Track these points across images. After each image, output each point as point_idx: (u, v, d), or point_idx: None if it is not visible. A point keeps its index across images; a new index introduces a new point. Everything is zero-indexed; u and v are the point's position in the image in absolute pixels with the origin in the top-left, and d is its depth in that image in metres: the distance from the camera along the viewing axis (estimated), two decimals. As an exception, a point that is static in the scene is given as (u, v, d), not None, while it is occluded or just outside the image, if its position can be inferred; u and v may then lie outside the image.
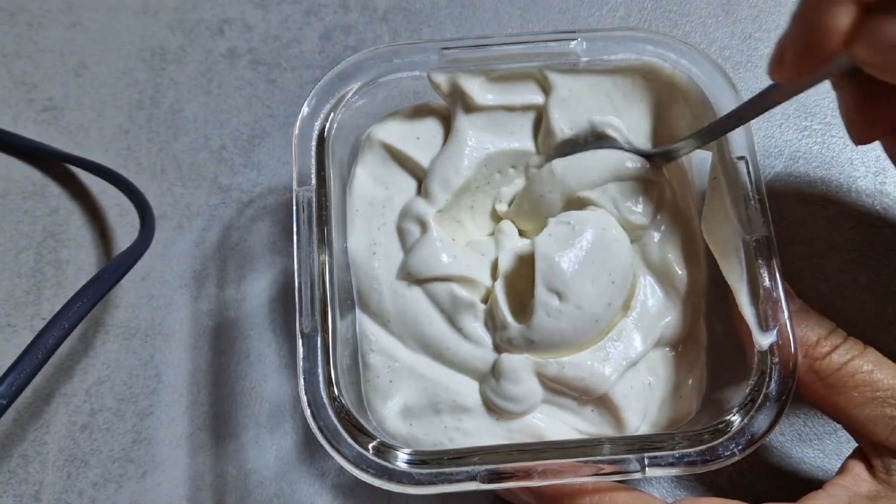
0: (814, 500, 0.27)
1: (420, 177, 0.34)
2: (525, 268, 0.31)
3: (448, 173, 0.33)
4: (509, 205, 0.34)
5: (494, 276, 0.32)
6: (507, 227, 0.34)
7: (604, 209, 0.32)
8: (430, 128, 0.34)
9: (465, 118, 0.33)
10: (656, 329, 0.31)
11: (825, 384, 0.28)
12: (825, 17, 0.22)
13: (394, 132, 0.34)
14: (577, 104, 0.33)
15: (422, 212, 0.32)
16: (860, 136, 0.27)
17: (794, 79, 0.25)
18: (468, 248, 0.33)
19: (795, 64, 0.24)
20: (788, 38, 0.24)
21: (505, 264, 0.32)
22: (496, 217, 0.35)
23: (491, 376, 0.31)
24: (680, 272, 0.32)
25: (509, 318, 0.31)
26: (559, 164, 0.32)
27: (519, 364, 0.30)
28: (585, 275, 0.30)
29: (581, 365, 0.30)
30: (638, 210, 0.32)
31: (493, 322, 0.31)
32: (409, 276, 0.32)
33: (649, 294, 0.32)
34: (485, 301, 0.32)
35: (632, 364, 0.31)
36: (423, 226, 0.32)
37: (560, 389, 0.31)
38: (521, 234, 0.34)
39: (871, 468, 0.28)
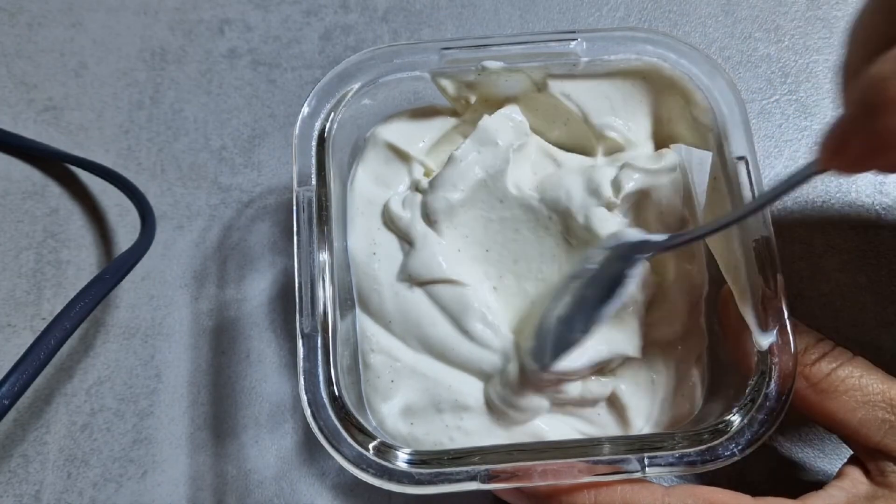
0: (813, 499, 0.27)
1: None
2: None
3: None
4: None
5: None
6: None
7: None
8: (434, 129, 0.34)
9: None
10: (655, 325, 0.31)
11: (816, 389, 0.28)
12: None
13: (398, 132, 0.34)
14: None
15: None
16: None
17: (851, 170, 0.23)
18: (468, 246, 0.33)
19: (860, 158, 0.22)
20: (854, 128, 0.21)
21: None
22: None
23: (498, 382, 0.31)
24: (677, 270, 0.32)
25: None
26: None
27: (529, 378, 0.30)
28: None
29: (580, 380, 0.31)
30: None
31: None
32: (410, 278, 0.32)
33: (648, 290, 0.32)
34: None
35: (627, 358, 0.31)
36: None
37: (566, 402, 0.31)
38: None
39: (867, 473, 0.28)
